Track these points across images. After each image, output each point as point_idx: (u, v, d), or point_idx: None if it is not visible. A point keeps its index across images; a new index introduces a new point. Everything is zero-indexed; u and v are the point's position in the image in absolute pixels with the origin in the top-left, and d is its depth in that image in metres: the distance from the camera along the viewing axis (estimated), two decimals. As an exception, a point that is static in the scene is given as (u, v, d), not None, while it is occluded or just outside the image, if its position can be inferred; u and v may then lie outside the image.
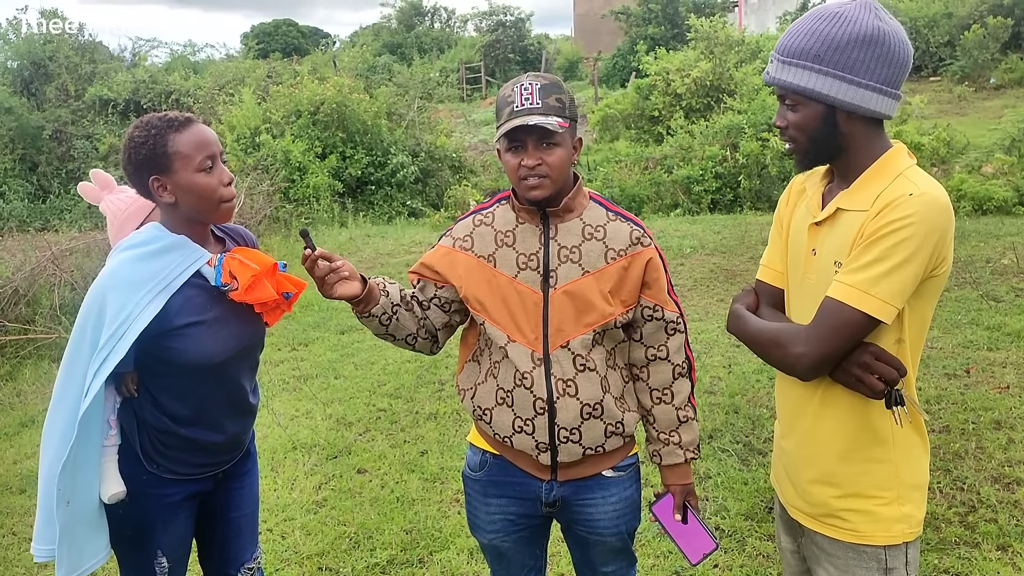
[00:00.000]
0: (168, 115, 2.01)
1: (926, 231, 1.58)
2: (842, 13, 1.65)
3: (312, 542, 3.68)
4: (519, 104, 1.92)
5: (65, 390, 1.96)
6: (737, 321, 1.89)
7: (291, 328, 7.18)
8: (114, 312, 1.91)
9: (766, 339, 1.78)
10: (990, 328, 5.95)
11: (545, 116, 1.90)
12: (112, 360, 1.91)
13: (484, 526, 2.21)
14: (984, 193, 10.16)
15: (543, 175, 1.94)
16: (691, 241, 9.68)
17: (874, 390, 1.66)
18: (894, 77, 1.66)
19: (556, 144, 1.93)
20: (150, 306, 1.94)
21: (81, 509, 2.00)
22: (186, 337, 2.01)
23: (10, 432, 5.39)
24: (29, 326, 7.06)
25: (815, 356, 1.66)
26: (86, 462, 1.99)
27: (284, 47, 39.22)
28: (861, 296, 1.60)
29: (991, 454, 4.08)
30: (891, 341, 1.69)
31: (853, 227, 1.67)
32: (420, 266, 2.15)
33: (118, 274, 1.96)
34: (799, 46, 1.67)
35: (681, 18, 25.08)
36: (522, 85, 1.94)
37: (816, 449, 1.80)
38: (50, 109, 20.06)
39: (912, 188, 1.61)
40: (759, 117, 13.25)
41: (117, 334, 1.91)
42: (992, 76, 21.37)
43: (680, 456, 2.13)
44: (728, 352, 5.88)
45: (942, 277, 1.67)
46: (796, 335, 1.71)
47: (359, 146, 14.58)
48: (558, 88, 1.95)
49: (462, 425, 4.89)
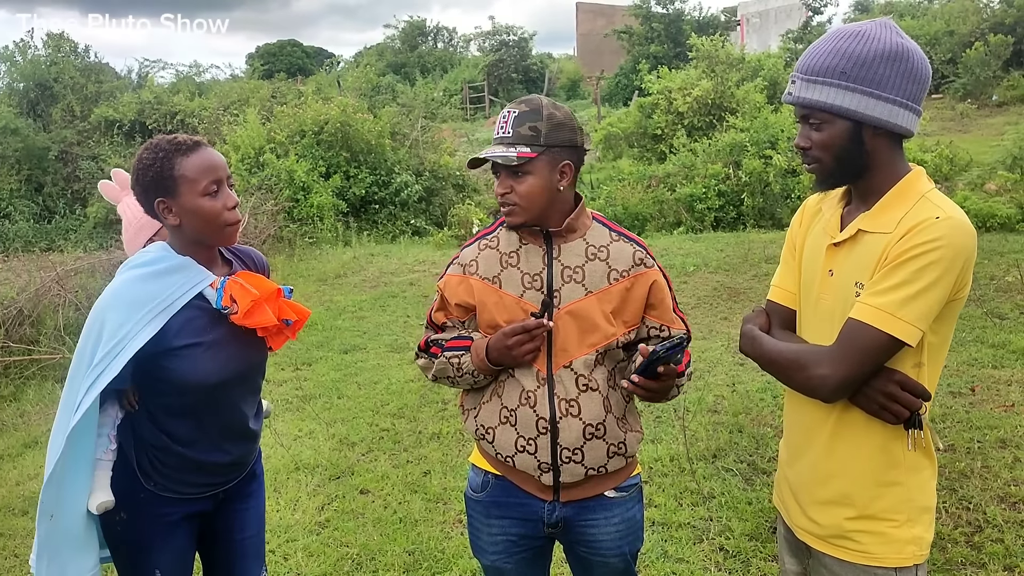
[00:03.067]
0: (177, 138, 2.03)
1: (953, 255, 1.58)
2: (864, 31, 1.66)
3: (315, 563, 3.66)
4: (496, 132, 1.99)
5: (65, 407, 1.97)
6: (752, 343, 1.88)
7: (294, 348, 7.18)
8: (112, 330, 1.92)
9: (786, 361, 1.77)
10: (995, 346, 5.93)
11: (509, 147, 1.93)
12: (105, 377, 1.91)
13: (486, 547, 2.20)
14: (987, 210, 10.15)
15: (512, 203, 1.98)
16: (694, 259, 9.68)
17: (899, 418, 1.66)
18: (917, 93, 1.67)
19: (526, 173, 1.95)
20: (148, 326, 1.95)
21: (66, 524, 1.99)
22: (183, 358, 2.02)
23: (13, 453, 5.39)
24: (33, 347, 7.07)
25: (839, 378, 1.65)
26: (74, 477, 1.98)
27: (289, 67, 39.53)
28: (888, 319, 1.60)
29: (997, 473, 4.06)
30: (910, 365, 1.68)
31: (876, 249, 1.66)
32: (444, 307, 2.16)
33: (119, 293, 1.98)
34: (823, 64, 1.67)
35: (684, 37, 25.20)
36: (503, 113, 2.00)
37: (830, 470, 1.79)
38: (56, 130, 20.18)
39: (938, 212, 1.61)
40: (761, 135, 13.29)
41: (112, 352, 1.92)
42: (994, 93, 21.43)
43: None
44: (732, 371, 5.86)
45: (961, 301, 1.68)
46: (818, 356, 1.70)
47: (363, 165, 14.65)
48: (535, 115, 1.95)
49: (465, 445, 4.88)
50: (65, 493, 1.97)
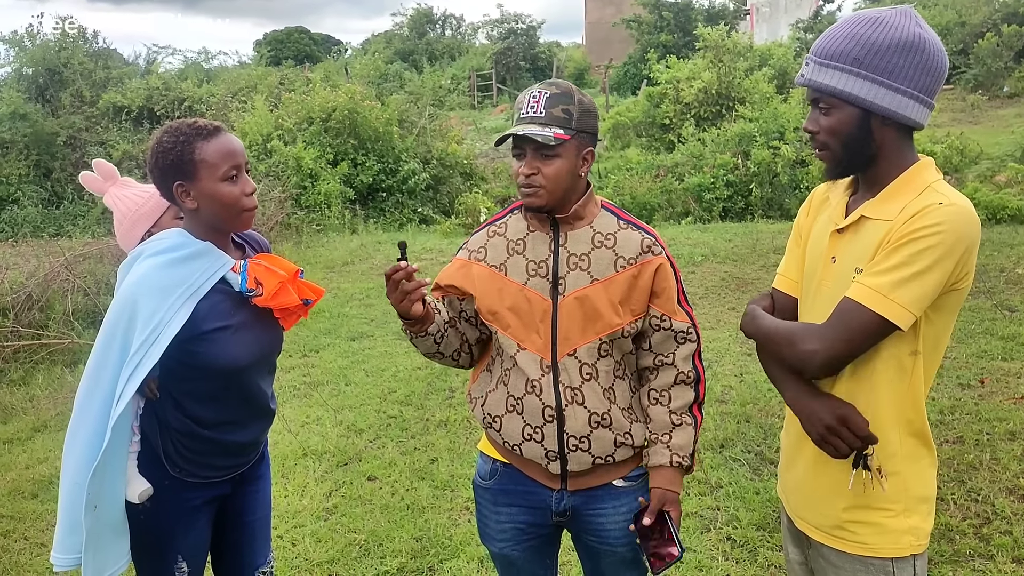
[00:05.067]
0: (197, 123, 2.04)
1: (953, 241, 1.57)
2: (883, 18, 1.63)
3: (322, 549, 3.68)
4: (524, 112, 1.96)
5: (92, 396, 1.97)
6: (752, 320, 1.88)
7: (302, 335, 7.19)
8: (146, 317, 1.93)
9: (779, 336, 1.78)
10: (1004, 338, 5.90)
11: (544, 127, 1.91)
12: (146, 365, 1.92)
13: (494, 535, 2.20)
14: (998, 202, 10.09)
15: (538, 185, 1.95)
16: (702, 249, 9.65)
17: (838, 453, 1.69)
18: (931, 86, 1.64)
19: (555, 155, 1.93)
20: (180, 311, 1.96)
21: (107, 514, 2.01)
22: (213, 342, 2.04)
23: (23, 437, 5.42)
24: (42, 332, 7.09)
25: (827, 354, 1.66)
26: (114, 467, 2.00)
27: (296, 55, 39.45)
28: (880, 299, 1.59)
29: (1006, 465, 4.05)
30: (906, 352, 1.68)
31: (877, 235, 1.65)
32: (440, 283, 2.16)
33: (148, 280, 1.97)
34: (838, 49, 1.65)
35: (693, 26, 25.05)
36: (532, 93, 1.96)
37: (827, 461, 1.79)
38: (64, 116, 20.15)
39: (942, 198, 1.60)
40: (770, 125, 13.22)
41: (150, 339, 1.93)
42: (1005, 84, 21.29)
43: (665, 456, 2.03)
44: (740, 361, 5.86)
45: (963, 292, 1.66)
46: (809, 333, 1.70)
47: (370, 153, 14.62)
48: (567, 99, 1.94)
49: (472, 433, 4.89)
50: (106, 484, 1.98)
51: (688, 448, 2.05)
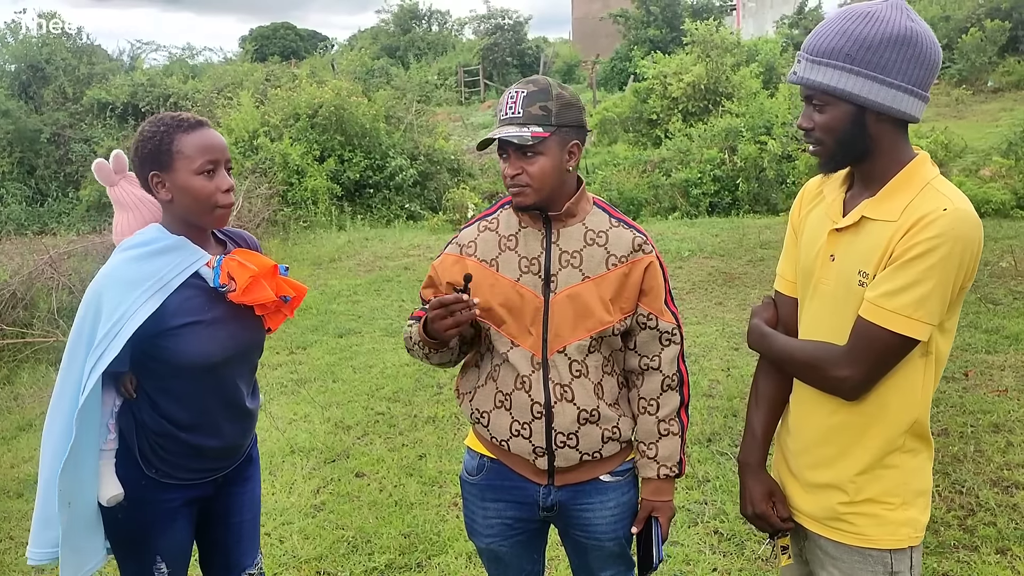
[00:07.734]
0: (181, 115, 2.04)
1: (961, 248, 1.59)
2: (874, 12, 1.62)
3: (310, 546, 3.67)
4: (504, 113, 1.95)
5: (63, 389, 1.97)
6: (762, 340, 1.89)
7: (289, 331, 7.17)
8: (110, 310, 1.92)
9: (801, 362, 1.79)
10: (988, 331, 5.95)
11: (522, 127, 1.90)
12: (107, 357, 1.91)
13: (482, 530, 2.20)
14: (982, 196, 10.17)
15: (524, 184, 1.95)
16: (689, 244, 9.68)
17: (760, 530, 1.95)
18: (924, 79, 1.64)
19: (538, 153, 1.92)
20: (146, 305, 1.95)
21: (81, 510, 2.00)
22: (182, 337, 2.01)
23: (7, 436, 5.38)
24: (26, 330, 7.04)
25: (859, 379, 1.68)
26: (85, 463, 1.99)
27: (282, 50, 39.21)
28: (904, 321, 1.61)
29: (990, 457, 4.08)
30: (918, 354, 1.69)
31: (881, 237, 1.65)
32: (432, 284, 2.15)
33: (115, 273, 1.97)
34: (829, 45, 1.64)
35: (680, 21, 25.09)
36: (510, 94, 1.96)
37: (829, 453, 1.80)
38: (48, 112, 19.99)
39: (946, 203, 1.60)
40: (757, 120, 13.27)
41: (112, 332, 1.92)
42: (990, 79, 21.43)
43: (652, 470, 2.08)
44: (726, 355, 5.88)
45: (966, 289, 1.68)
46: (835, 357, 1.71)
47: (357, 149, 14.57)
48: (544, 95, 1.93)
49: (460, 429, 4.89)
50: (79, 479, 1.97)
51: (675, 457, 2.09)
